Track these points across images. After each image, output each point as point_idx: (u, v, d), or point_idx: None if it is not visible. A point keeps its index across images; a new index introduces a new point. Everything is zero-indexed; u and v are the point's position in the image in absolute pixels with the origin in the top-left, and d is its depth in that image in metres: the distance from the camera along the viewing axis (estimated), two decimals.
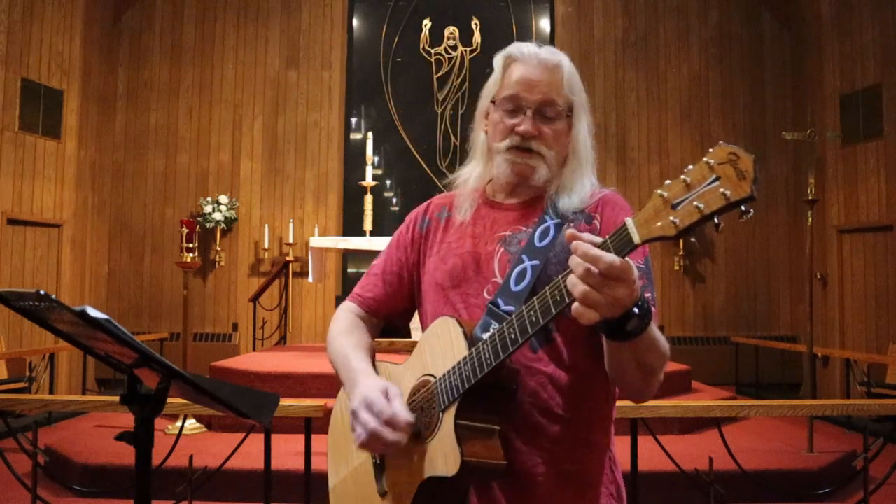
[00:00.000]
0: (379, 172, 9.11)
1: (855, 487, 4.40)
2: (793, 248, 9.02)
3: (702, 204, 0.99)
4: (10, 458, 3.74)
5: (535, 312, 1.18)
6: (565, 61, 1.48)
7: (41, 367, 6.96)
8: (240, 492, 4.14)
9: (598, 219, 1.42)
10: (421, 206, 1.64)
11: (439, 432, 1.30)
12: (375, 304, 1.61)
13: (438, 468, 1.28)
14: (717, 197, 0.98)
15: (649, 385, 1.30)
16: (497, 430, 1.30)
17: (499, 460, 1.28)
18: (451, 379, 1.30)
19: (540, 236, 1.41)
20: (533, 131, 1.43)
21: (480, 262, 1.45)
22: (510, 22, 9.34)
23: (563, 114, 1.44)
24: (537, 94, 1.43)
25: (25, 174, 7.47)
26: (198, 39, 9.27)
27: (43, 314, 1.18)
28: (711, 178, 0.99)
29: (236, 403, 1.31)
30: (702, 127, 9.21)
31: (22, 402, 3.92)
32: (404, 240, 1.61)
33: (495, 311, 1.35)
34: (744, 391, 8.14)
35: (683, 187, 1.01)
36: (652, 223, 1.04)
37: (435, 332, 1.39)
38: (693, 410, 3.86)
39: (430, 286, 1.51)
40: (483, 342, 1.26)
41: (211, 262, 8.98)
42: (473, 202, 1.52)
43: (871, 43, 7.64)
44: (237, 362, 6.31)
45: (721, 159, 0.99)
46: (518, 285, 1.36)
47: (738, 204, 0.97)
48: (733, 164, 0.97)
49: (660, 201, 1.03)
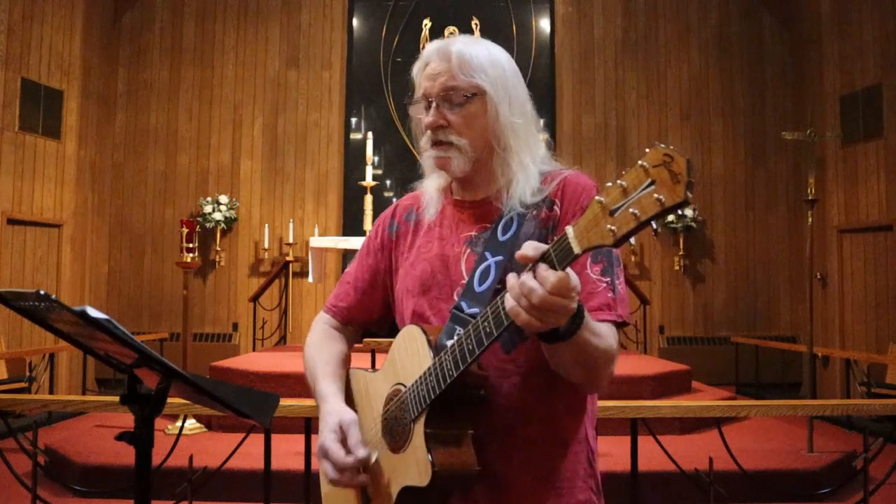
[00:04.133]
0: (379, 172, 9.11)
1: (855, 487, 4.39)
2: (793, 248, 9.02)
3: (637, 210, 0.97)
4: (10, 458, 3.73)
5: (489, 323, 1.17)
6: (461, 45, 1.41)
7: (41, 367, 6.96)
8: (240, 492, 4.14)
9: (559, 204, 1.39)
10: (388, 209, 1.61)
11: (411, 443, 1.31)
12: (350, 314, 1.60)
13: (412, 478, 1.29)
14: (651, 203, 0.95)
15: (595, 382, 1.31)
16: (468, 436, 1.30)
17: (471, 467, 1.28)
18: (419, 389, 1.29)
19: (503, 230, 1.38)
20: (436, 121, 1.40)
21: (449, 264, 1.43)
22: (510, 22, 9.34)
23: (469, 97, 1.39)
24: (437, 83, 1.40)
25: (25, 174, 7.47)
26: (198, 39, 9.27)
27: (43, 314, 1.17)
28: (647, 182, 0.97)
29: (236, 403, 1.31)
30: (702, 127, 9.21)
31: (22, 402, 3.92)
32: (374, 245, 1.58)
33: (459, 315, 1.34)
34: (744, 391, 8.14)
35: (620, 193, 0.99)
36: (591, 231, 1.02)
37: (402, 340, 1.39)
38: (693, 410, 3.86)
39: (402, 292, 1.50)
40: (445, 352, 1.25)
41: (211, 262, 8.98)
42: (439, 202, 1.50)
43: (871, 43, 7.64)
44: (237, 362, 6.31)
45: (656, 161, 0.96)
46: (482, 285, 1.35)
47: (674, 209, 0.95)
48: (667, 167, 0.95)
49: (598, 208, 1.01)
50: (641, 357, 7.31)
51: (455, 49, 1.40)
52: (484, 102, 1.40)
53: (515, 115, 1.41)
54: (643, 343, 8.43)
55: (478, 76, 1.38)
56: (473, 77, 1.38)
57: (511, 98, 1.41)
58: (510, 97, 1.41)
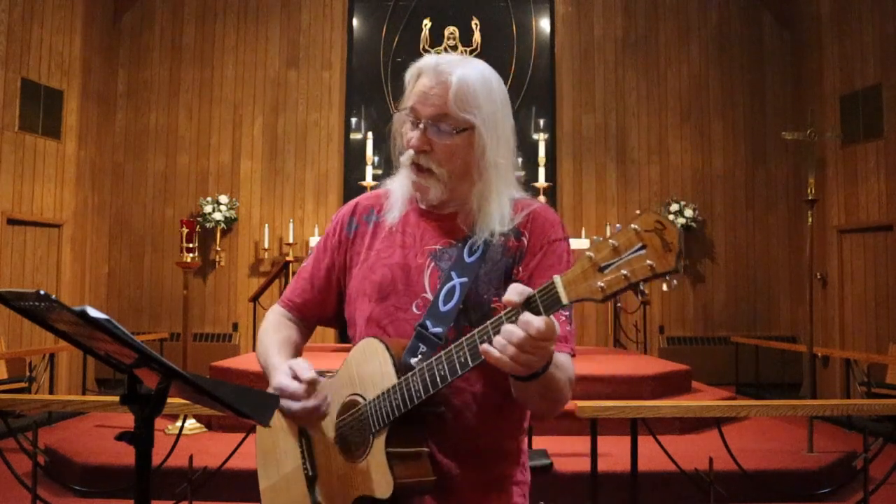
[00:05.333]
0: (379, 172, 9.08)
1: (855, 487, 4.39)
2: (793, 248, 9.02)
3: (628, 272, 1.02)
4: (10, 458, 3.73)
5: (465, 354, 1.21)
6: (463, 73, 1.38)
7: (41, 367, 6.96)
8: (240, 492, 4.14)
9: (527, 236, 1.41)
10: (348, 205, 1.61)
11: (370, 455, 1.33)
12: (305, 309, 1.61)
13: (371, 490, 1.32)
14: (643, 267, 1.01)
15: (554, 409, 1.36)
16: (426, 451, 1.35)
17: (427, 477, 1.33)
18: (382, 405, 1.32)
19: (469, 252, 1.40)
20: (421, 145, 1.39)
21: (410, 274, 1.44)
22: (510, 22, 9.34)
23: (459, 131, 1.38)
24: (429, 107, 1.38)
25: (25, 174, 7.47)
26: (198, 39, 9.27)
27: (43, 314, 1.17)
28: (638, 245, 1.02)
29: (236, 403, 1.31)
30: (702, 127, 9.21)
31: (22, 402, 3.92)
32: (332, 242, 1.58)
33: (423, 333, 1.36)
34: (744, 391, 8.14)
35: (611, 251, 1.04)
36: (580, 284, 1.07)
37: (363, 352, 1.40)
38: (693, 410, 3.86)
39: (357, 294, 1.49)
40: (413, 373, 1.28)
41: (211, 262, 8.98)
42: (403, 207, 1.49)
43: (871, 43, 7.64)
44: (237, 362, 6.31)
45: (648, 227, 1.01)
46: (446, 305, 1.37)
47: (663, 275, 1.00)
48: (659, 234, 1.00)
49: (588, 263, 1.06)
50: (641, 357, 7.31)
51: (455, 77, 1.38)
52: (472, 137, 1.40)
53: (500, 153, 1.42)
54: (643, 343, 8.43)
55: (471, 111, 1.38)
56: (467, 112, 1.38)
57: (499, 136, 1.41)
58: (498, 135, 1.41)
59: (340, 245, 1.56)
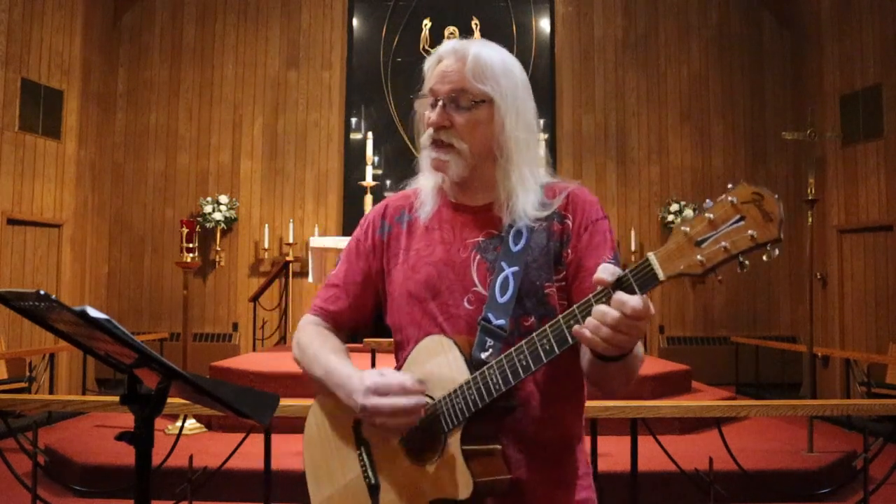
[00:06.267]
0: (379, 172, 9.10)
1: (855, 487, 4.40)
2: (793, 248, 9.02)
3: (727, 244, 1.02)
4: (10, 458, 3.74)
5: (550, 341, 1.19)
6: (479, 49, 1.40)
7: (41, 367, 6.96)
8: (240, 492, 4.14)
9: (570, 218, 1.40)
10: (377, 208, 1.57)
11: (444, 455, 1.29)
12: (339, 318, 1.55)
13: (448, 492, 1.27)
14: (744, 238, 1.01)
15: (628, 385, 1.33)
16: (499, 449, 1.32)
17: (503, 475, 1.29)
18: (455, 402, 1.28)
19: (514, 240, 1.38)
20: (441, 121, 1.39)
21: (456, 270, 1.41)
22: (510, 22, 9.34)
23: (477, 103, 1.38)
24: (447, 84, 1.39)
25: (25, 174, 7.47)
26: (198, 39, 9.27)
27: (43, 314, 1.17)
28: (736, 217, 1.02)
29: (236, 403, 1.31)
30: (702, 127, 9.21)
31: (22, 402, 3.92)
32: (365, 248, 1.53)
33: (488, 327, 1.33)
34: (744, 391, 8.14)
35: (707, 225, 1.04)
36: (676, 260, 1.06)
37: (428, 350, 1.36)
38: (693, 410, 3.86)
39: (401, 296, 1.46)
40: (490, 367, 1.25)
41: (211, 262, 8.98)
42: (435, 202, 1.48)
43: (871, 43, 7.64)
44: (237, 362, 6.31)
45: (745, 199, 1.01)
46: (503, 296, 1.35)
47: (764, 245, 1.00)
48: (758, 205, 1.00)
49: (683, 238, 1.05)
50: None
51: (472, 52, 1.39)
52: (491, 111, 1.39)
53: (521, 128, 1.41)
54: (643, 343, 8.43)
55: (489, 84, 1.38)
56: (485, 84, 1.38)
57: (518, 111, 1.41)
58: (518, 110, 1.41)
59: (375, 249, 1.52)
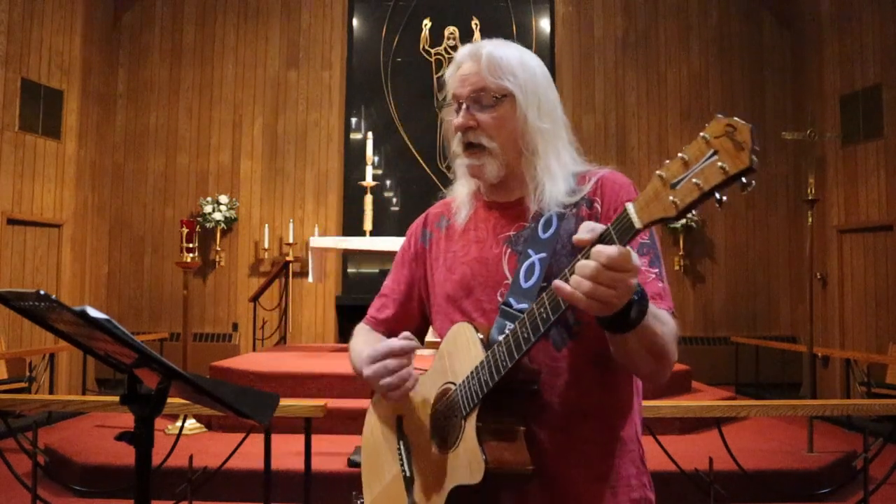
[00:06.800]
0: (379, 172, 9.11)
1: (855, 487, 4.39)
2: (793, 248, 9.02)
3: (700, 181, 0.96)
4: (10, 458, 3.74)
5: (546, 309, 1.17)
6: (493, 47, 1.41)
7: (41, 367, 6.96)
8: (240, 492, 4.14)
9: (599, 202, 1.39)
10: (419, 218, 1.63)
11: (462, 440, 1.28)
12: (389, 325, 1.60)
13: (463, 477, 1.26)
14: (715, 172, 0.95)
15: (663, 367, 1.26)
16: (521, 433, 1.28)
17: (524, 465, 1.25)
18: (471, 384, 1.28)
19: (543, 228, 1.38)
20: (466, 122, 1.40)
21: (489, 266, 1.43)
22: (510, 22, 9.34)
23: (499, 99, 1.39)
24: (467, 86, 1.40)
25: (25, 174, 7.47)
26: (198, 39, 9.27)
27: (43, 314, 1.18)
28: (709, 153, 0.96)
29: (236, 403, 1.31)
30: (702, 127, 8.99)
31: (22, 402, 3.93)
32: (408, 255, 1.60)
33: (508, 311, 1.33)
34: (744, 391, 8.13)
35: (681, 165, 0.99)
36: (652, 206, 1.02)
37: (452, 338, 1.39)
38: (693, 410, 3.86)
39: (441, 299, 1.49)
40: (498, 344, 1.25)
41: (211, 262, 8.98)
42: (471, 205, 1.50)
43: (871, 43, 7.64)
44: (237, 362, 6.31)
45: (718, 133, 0.97)
46: (528, 281, 1.34)
47: (737, 177, 0.94)
48: (730, 136, 0.95)
49: (659, 182, 1.01)
50: None
51: (485, 51, 1.41)
52: (514, 105, 1.40)
53: (544, 119, 1.41)
54: None
55: (506, 78, 1.39)
56: (502, 79, 1.39)
57: (540, 102, 1.41)
58: (539, 101, 1.41)
59: (417, 257, 1.57)
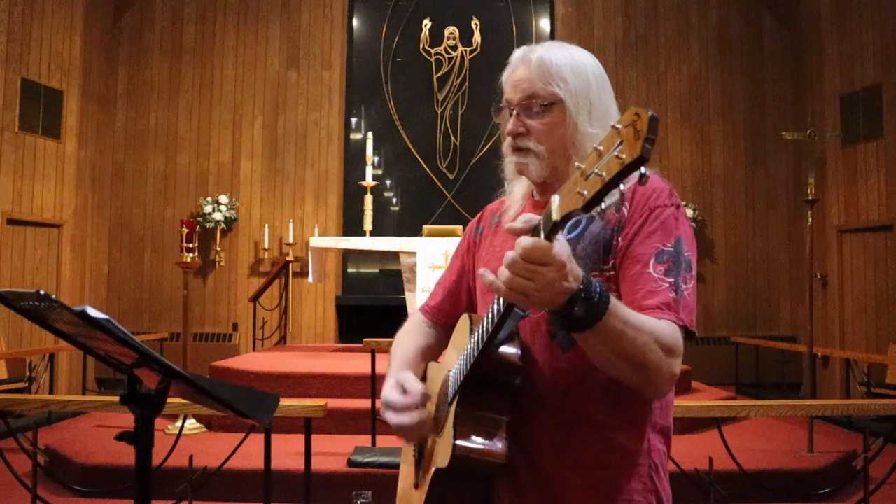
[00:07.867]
0: (379, 172, 9.11)
1: (855, 487, 4.39)
2: (793, 248, 9.02)
3: (604, 172, 0.95)
4: (10, 458, 3.74)
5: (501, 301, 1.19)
6: (543, 52, 1.41)
7: (41, 367, 6.96)
8: (240, 492, 4.14)
9: (627, 205, 1.38)
10: (477, 215, 1.70)
11: (445, 426, 1.33)
12: (439, 313, 1.67)
13: (440, 461, 1.29)
14: (615, 161, 0.93)
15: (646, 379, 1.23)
16: (502, 424, 1.28)
17: (495, 457, 1.25)
18: (458, 373, 1.34)
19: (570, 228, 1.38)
20: (515, 128, 1.41)
21: None
22: (510, 22, 9.34)
23: (547, 106, 1.39)
24: (518, 92, 1.41)
25: (25, 174, 7.47)
26: (198, 39, 9.27)
27: (43, 314, 1.18)
28: (617, 142, 0.94)
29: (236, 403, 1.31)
30: (702, 127, 9.21)
31: (22, 402, 3.92)
32: (461, 249, 1.66)
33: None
34: (744, 391, 8.14)
35: (596, 156, 0.97)
36: (567, 198, 1.01)
37: (459, 329, 1.46)
38: (693, 410, 3.86)
39: (480, 291, 1.55)
40: (473, 335, 1.30)
41: (211, 262, 8.98)
42: (521, 205, 1.53)
43: (871, 43, 7.64)
44: (237, 362, 6.31)
45: (626, 122, 0.94)
46: None
47: (634, 166, 0.92)
48: (634, 126, 0.92)
49: (577, 174, 0.99)
50: None
51: (535, 56, 1.40)
52: (563, 111, 1.39)
53: (594, 124, 1.39)
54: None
55: (556, 84, 1.38)
56: (551, 85, 1.38)
57: (592, 107, 1.40)
58: (591, 105, 1.40)
59: (469, 250, 1.63)
